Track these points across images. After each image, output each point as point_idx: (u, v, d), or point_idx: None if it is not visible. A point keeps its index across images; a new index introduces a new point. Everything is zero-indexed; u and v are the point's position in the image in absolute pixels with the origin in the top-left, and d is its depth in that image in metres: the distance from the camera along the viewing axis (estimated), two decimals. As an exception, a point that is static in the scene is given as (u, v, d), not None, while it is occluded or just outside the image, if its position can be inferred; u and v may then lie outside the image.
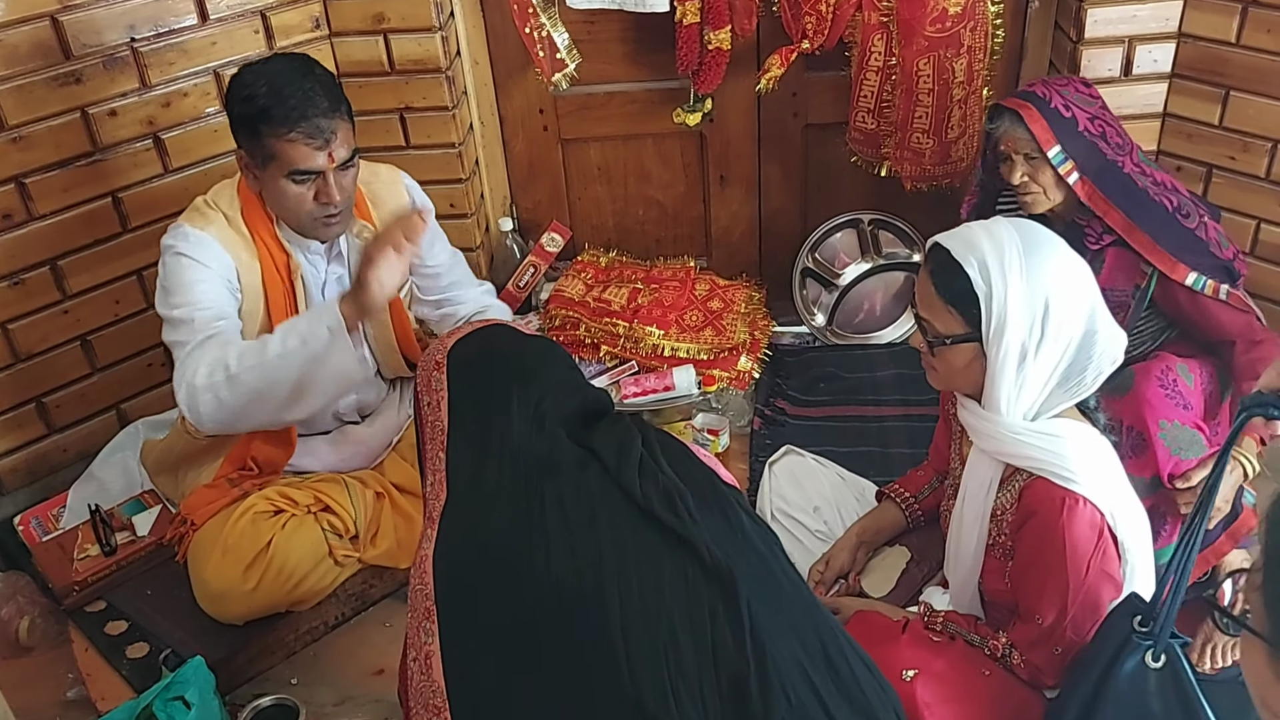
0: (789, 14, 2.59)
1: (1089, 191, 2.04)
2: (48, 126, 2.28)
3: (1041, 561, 1.64)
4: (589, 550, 1.30)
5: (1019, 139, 2.05)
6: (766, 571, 1.34)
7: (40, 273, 2.38)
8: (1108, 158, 2.05)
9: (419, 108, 2.69)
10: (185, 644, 2.10)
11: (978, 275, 1.60)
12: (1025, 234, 1.63)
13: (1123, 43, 2.52)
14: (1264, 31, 2.37)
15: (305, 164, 1.90)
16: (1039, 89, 2.08)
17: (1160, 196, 2.06)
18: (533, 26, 2.65)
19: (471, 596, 1.33)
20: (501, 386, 1.49)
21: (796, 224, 3.01)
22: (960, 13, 2.52)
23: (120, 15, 2.30)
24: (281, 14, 2.51)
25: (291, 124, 1.86)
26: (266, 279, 2.03)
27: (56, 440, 2.54)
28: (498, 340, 1.59)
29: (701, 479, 1.42)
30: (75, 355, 2.49)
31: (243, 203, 2.04)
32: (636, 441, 1.43)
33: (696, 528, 1.31)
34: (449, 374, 1.52)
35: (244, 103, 1.89)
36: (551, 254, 3.03)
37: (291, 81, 1.88)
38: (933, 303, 1.67)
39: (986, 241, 1.61)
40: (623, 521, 1.33)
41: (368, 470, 2.31)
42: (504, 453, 1.42)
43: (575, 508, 1.34)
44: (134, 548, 2.30)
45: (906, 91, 2.61)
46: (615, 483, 1.37)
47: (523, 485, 1.38)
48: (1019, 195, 2.12)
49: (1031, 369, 1.62)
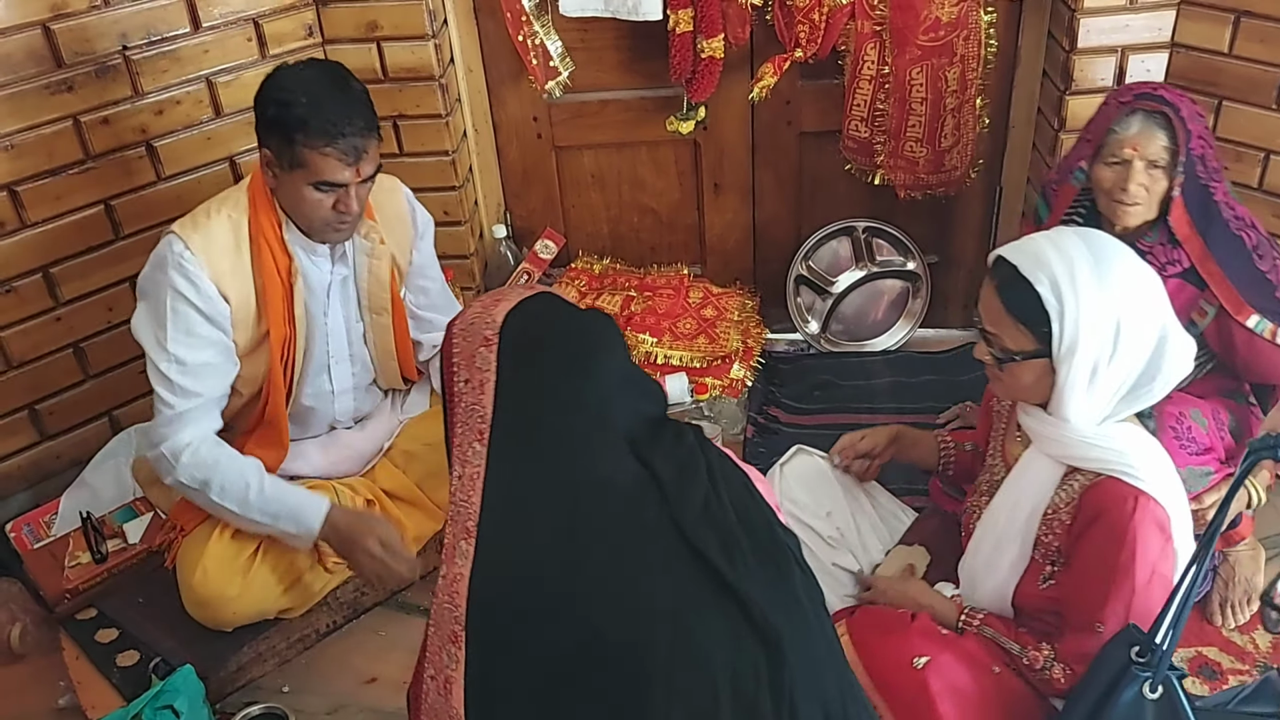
0: (782, 23, 2.59)
1: (1179, 214, 1.96)
2: (40, 134, 2.28)
3: (1107, 565, 1.61)
4: (637, 595, 1.23)
5: (1154, 143, 1.93)
6: (809, 633, 1.30)
7: (33, 280, 2.38)
8: (1201, 181, 1.97)
9: (412, 115, 2.69)
10: (176, 652, 2.10)
11: (1049, 293, 1.56)
12: (1093, 245, 1.59)
13: (1115, 52, 2.52)
14: (1257, 41, 2.37)
15: (333, 177, 1.91)
16: (1165, 93, 1.95)
17: (1240, 231, 2.00)
18: (526, 34, 2.66)
19: (505, 631, 1.26)
20: (564, 378, 1.35)
21: (790, 232, 3.01)
22: (953, 22, 2.53)
23: (112, 23, 2.30)
24: (275, 22, 2.51)
25: (329, 138, 1.87)
26: (266, 282, 2.02)
27: (49, 447, 2.54)
28: (556, 316, 1.42)
29: (760, 522, 1.35)
30: (68, 362, 2.49)
31: (252, 204, 2.03)
32: (700, 471, 1.34)
33: (750, 582, 1.25)
34: (500, 353, 1.36)
35: (281, 107, 1.88)
36: (545, 261, 3.03)
37: (332, 95, 1.89)
38: (1000, 319, 1.63)
39: (1055, 256, 1.57)
40: (676, 565, 1.26)
41: (358, 476, 2.32)
42: (559, 464, 1.30)
43: (628, 543, 1.26)
44: (125, 555, 2.30)
45: (900, 100, 2.61)
46: (672, 519, 1.28)
47: (576, 508, 1.28)
48: (1117, 203, 1.99)
49: (1103, 381, 1.60)
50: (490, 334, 1.37)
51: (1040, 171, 2.76)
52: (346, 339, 2.20)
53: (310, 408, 2.23)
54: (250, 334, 2.05)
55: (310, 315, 2.11)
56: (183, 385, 1.98)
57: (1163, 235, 2.01)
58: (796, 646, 1.24)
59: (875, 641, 1.73)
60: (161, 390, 1.99)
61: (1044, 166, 2.72)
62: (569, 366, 1.36)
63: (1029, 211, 2.87)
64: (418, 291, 2.31)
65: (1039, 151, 2.78)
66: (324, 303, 2.13)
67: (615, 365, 1.40)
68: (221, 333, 2.01)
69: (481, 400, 1.35)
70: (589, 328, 1.43)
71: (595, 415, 1.33)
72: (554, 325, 1.41)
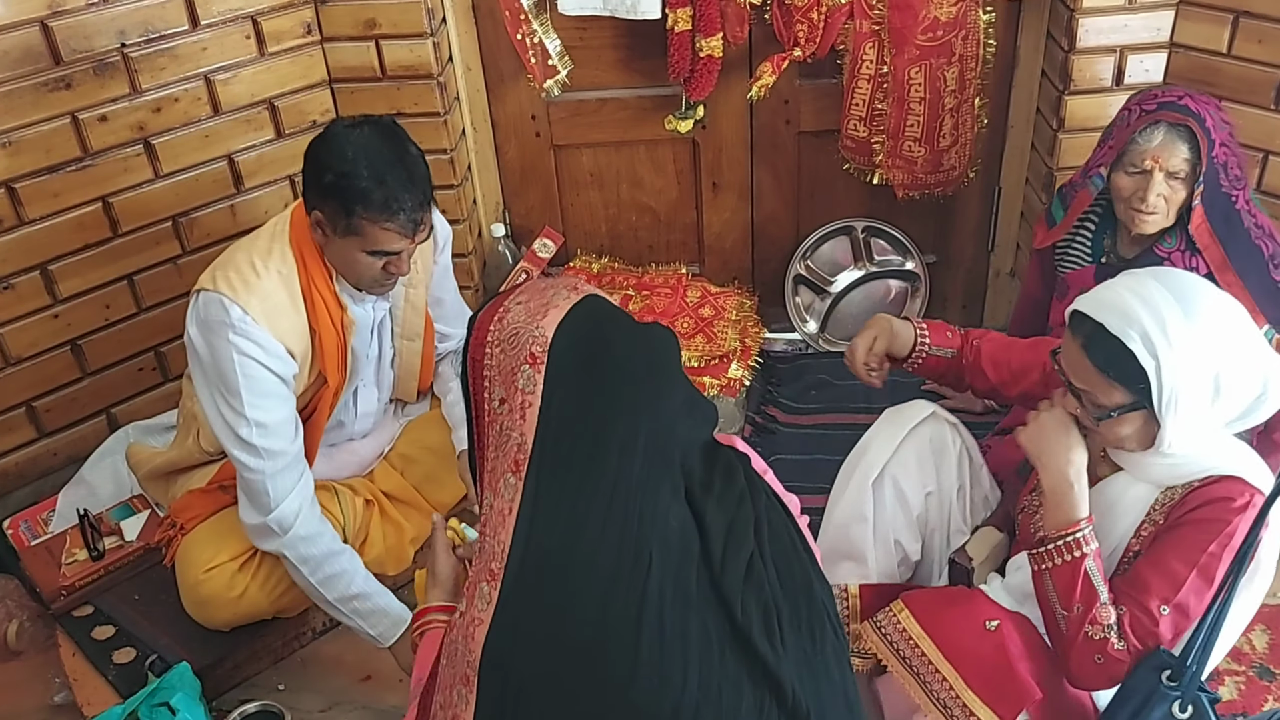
0: (781, 22, 2.58)
1: (1199, 221, 1.95)
2: (38, 131, 2.28)
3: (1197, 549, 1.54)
4: (675, 671, 1.14)
5: (1176, 155, 1.92)
6: (838, 703, 1.26)
7: (30, 277, 2.38)
8: (1223, 189, 1.96)
9: (411, 113, 2.68)
10: (172, 649, 2.11)
11: (1142, 349, 1.50)
12: (1176, 288, 1.53)
13: (1114, 52, 2.52)
14: (1255, 42, 2.36)
15: (389, 247, 1.89)
16: (1190, 103, 1.93)
17: (1260, 240, 1.99)
18: (524, 33, 2.66)
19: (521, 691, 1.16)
20: (625, 412, 1.20)
21: (789, 231, 3.01)
22: (952, 21, 2.52)
23: (110, 20, 2.30)
24: (273, 19, 2.51)
25: (390, 214, 1.84)
26: (322, 334, 2.01)
27: (46, 444, 2.54)
28: (616, 332, 1.25)
29: (801, 581, 1.28)
30: (65, 359, 2.50)
31: (299, 260, 1.98)
32: (749, 528, 1.25)
33: (786, 659, 1.20)
34: (549, 375, 1.20)
35: (341, 178, 1.83)
36: (544, 260, 3.03)
37: (391, 167, 1.84)
38: (1091, 377, 1.56)
39: (1141, 307, 1.51)
40: (716, 640, 1.18)
41: (359, 478, 2.32)
42: (609, 513, 1.17)
43: (673, 611, 1.16)
44: (122, 552, 2.30)
45: (898, 100, 2.61)
46: (716, 586, 1.19)
47: (618, 569, 1.16)
48: (1133, 212, 1.99)
49: (1209, 422, 1.55)
50: (539, 351, 1.21)
51: (1039, 171, 2.76)
52: (377, 367, 2.22)
53: (329, 428, 2.23)
54: (304, 382, 2.05)
55: (355, 355, 2.12)
56: (268, 448, 1.94)
57: (1181, 242, 2.00)
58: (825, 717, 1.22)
59: (943, 613, 1.68)
60: (246, 457, 1.93)
61: (1043, 166, 2.72)
62: (632, 397, 1.21)
63: (1028, 212, 2.88)
64: (434, 303, 2.30)
65: (1038, 151, 2.78)
66: (368, 340, 2.14)
67: (680, 393, 1.27)
68: (289, 388, 2.00)
69: (521, 427, 1.20)
70: (652, 346, 1.27)
71: (655, 454, 1.20)
72: (614, 344, 1.24)
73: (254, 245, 1.99)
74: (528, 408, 1.20)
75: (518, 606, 1.17)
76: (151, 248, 2.51)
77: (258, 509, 1.97)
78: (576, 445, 1.19)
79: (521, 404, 1.20)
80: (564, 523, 1.18)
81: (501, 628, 1.16)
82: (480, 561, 1.22)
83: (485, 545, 1.21)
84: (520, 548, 1.18)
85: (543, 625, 1.16)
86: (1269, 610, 2.12)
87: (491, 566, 1.19)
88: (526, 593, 1.17)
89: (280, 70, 2.56)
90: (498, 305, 1.29)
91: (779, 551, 1.27)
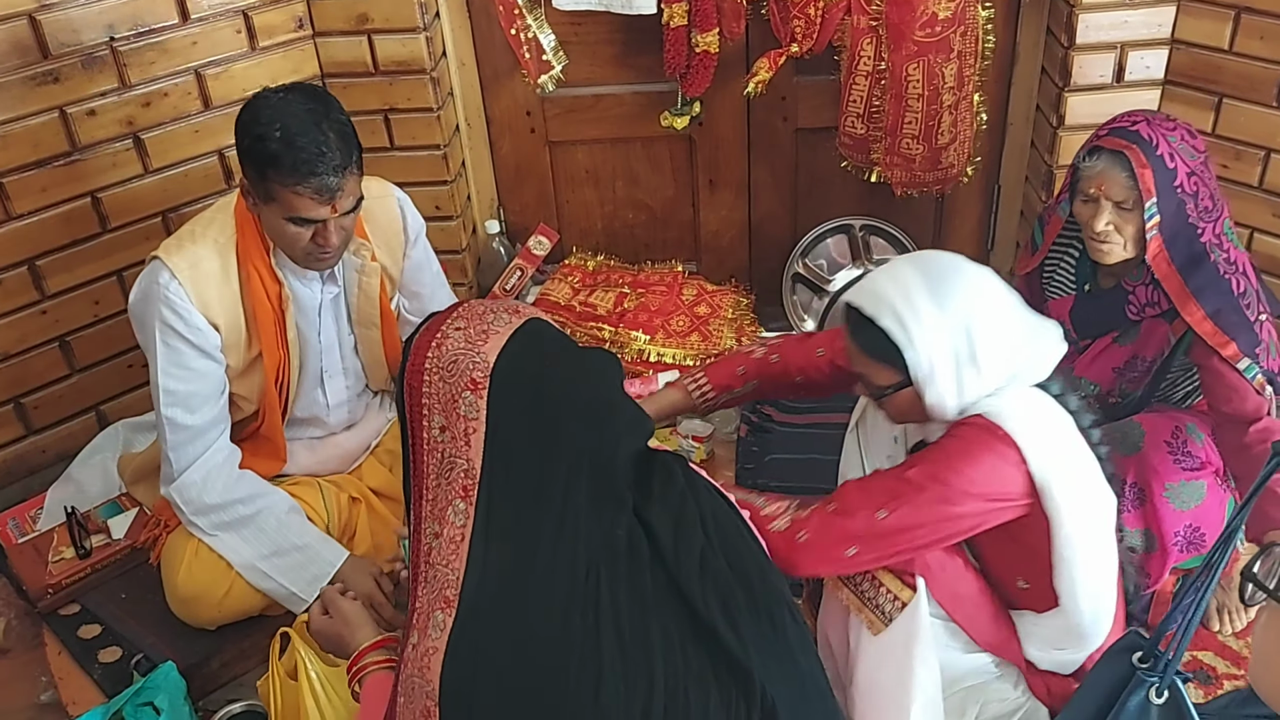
0: (777, 17, 2.56)
1: (1155, 251, 1.89)
2: (25, 126, 2.26)
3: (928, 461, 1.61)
4: (640, 677, 1.14)
5: (1116, 183, 1.88)
6: (802, 687, 1.26)
7: (18, 273, 2.36)
8: (1189, 220, 1.89)
9: (403, 109, 2.67)
10: (158, 649, 2.09)
11: (893, 325, 1.58)
12: (928, 267, 1.61)
13: (1115, 49, 2.49)
14: (1257, 38, 2.34)
15: (307, 214, 1.86)
16: (1144, 129, 1.87)
17: (1229, 275, 1.93)
18: (519, 28, 2.63)
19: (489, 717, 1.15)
20: (571, 435, 1.21)
21: (786, 229, 2.99)
22: (950, 17, 2.49)
23: (99, 14, 2.28)
24: (264, 14, 2.49)
25: (300, 177, 1.81)
26: (255, 308, 1.99)
27: (35, 441, 2.52)
28: (557, 357, 1.27)
29: (752, 566, 1.29)
30: (54, 356, 2.48)
31: (239, 229, 1.98)
32: (695, 524, 1.26)
33: (749, 646, 1.20)
34: (492, 401, 1.20)
35: (255, 141, 1.82)
36: (538, 257, 3.01)
37: (305, 130, 1.81)
38: (860, 360, 1.66)
39: (892, 288, 1.60)
40: (677, 639, 1.18)
41: (344, 474, 2.30)
42: (561, 532, 1.17)
43: (630, 617, 1.16)
44: (109, 551, 2.28)
45: (896, 96, 2.59)
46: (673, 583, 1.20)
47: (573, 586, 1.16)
48: (1091, 242, 1.96)
49: (972, 387, 1.60)
50: (480, 377, 1.21)
51: (1039, 169, 2.74)
52: (339, 353, 2.18)
53: (305, 419, 2.22)
54: (242, 356, 2.03)
55: (303, 336, 2.09)
56: (173, 419, 1.96)
57: (1146, 275, 1.95)
58: (792, 706, 1.21)
59: None
60: (164, 427, 1.99)
61: (1042, 164, 2.70)
62: (575, 424, 1.22)
63: (1028, 210, 2.85)
64: (410, 297, 2.28)
65: (1037, 149, 2.75)
66: (316, 322, 2.11)
67: (621, 414, 1.29)
68: (213, 362, 1.99)
69: (467, 453, 1.20)
70: (594, 370, 1.30)
71: (599, 474, 1.21)
72: (557, 370, 1.25)
73: (203, 214, 2.03)
74: (473, 434, 1.20)
75: (475, 631, 1.15)
76: (141, 243, 2.49)
77: (163, 479, 2.03)
78: (524, 471, 1.19)
79: (465, 430, 1.20)
80: (516, 546, 1.17)
81: (458, 654, 1.14)
82: (431, 588, 1.19)
83: (436, 574, 1.19)
84: (476, 573, 1.17)
85: (503, 648, 1.15)
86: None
87: (446, 594, 1.17)
88: (483, 617, 1.16)
89: (272, 65, 2.54)
90: (434, 330, 1.28)
91: (727, 541, 1.28)
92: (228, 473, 2.04)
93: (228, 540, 2.04)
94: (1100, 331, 2.08)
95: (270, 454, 2.16)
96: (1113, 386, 2.10)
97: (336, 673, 1.93)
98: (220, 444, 2.04)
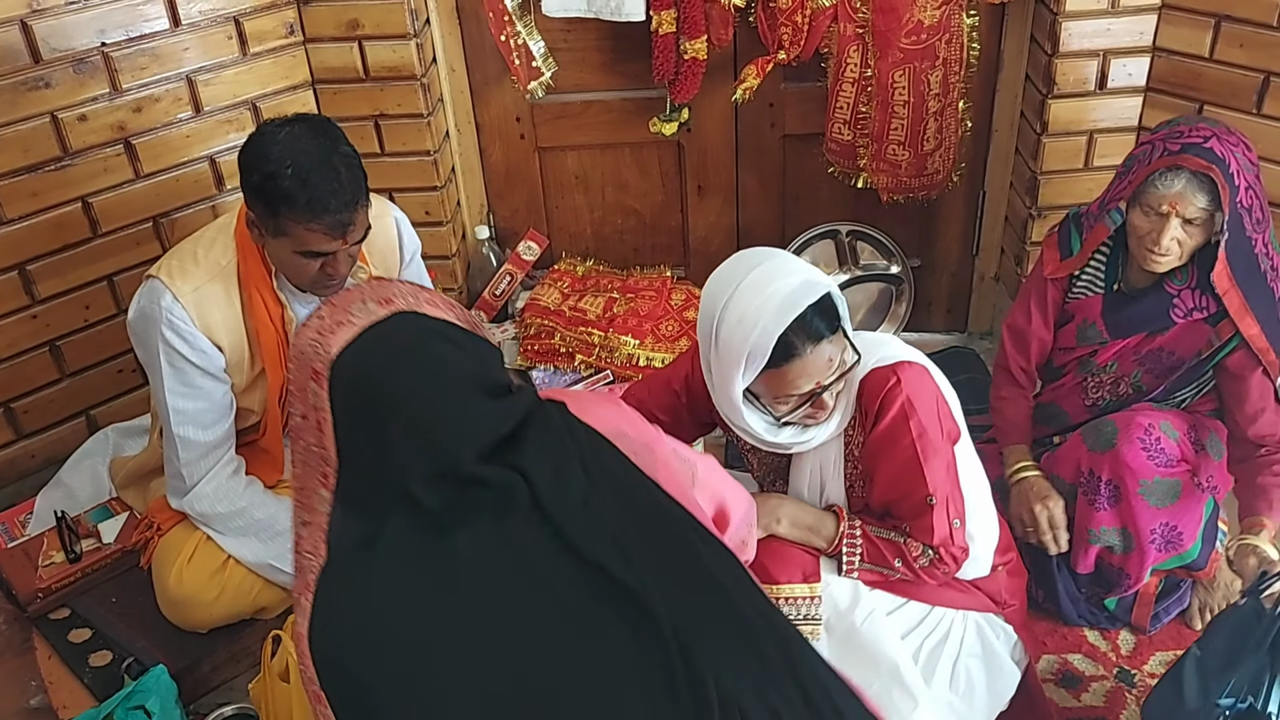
0: (765, 25, 2.58)
1: (1221, 268, 1.90)
2: (16, 131, 2.27)
3: (903, 448, 1.69)
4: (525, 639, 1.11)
5: (1193, 204, 1.87)
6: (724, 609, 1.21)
7: (9, 277, 2.37)
8: (1247, 234, 1.91)
9: (394, 114, 2.68)
10: (149, 652, 2.09)
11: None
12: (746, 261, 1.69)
13: (1098, 56, 2.52)
14: (1237, 46, 2.37)
15: (319, 248, 1.87)
16: (1216, 145, 1.86)
17: (1273, 282, 1.95)
18: (509, 34, 2.65)
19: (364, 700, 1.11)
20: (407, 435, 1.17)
21: (774, 234, 3.01)
22: (935, 25, 2.52)
23: (90, 20, 2.29)
24: (255, 20, 2.50)
25: (314, 215, 1.82)
26: (259, 330, 2.01)
27: (25, 446, 2.52)
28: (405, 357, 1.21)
29: (649, 506, 1.25)
30: (44, 360, 2.48)
31: (240, 255, 1.98)
32: (575, 465, 1.22)
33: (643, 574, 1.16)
34: (333, 392, 1.18)
35: (266, 179, 1.82)
36: (528, 262, 3.02)
37: (317, 167, 1.81)
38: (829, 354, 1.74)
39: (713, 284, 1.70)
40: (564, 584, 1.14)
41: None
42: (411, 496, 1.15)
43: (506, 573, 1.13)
44: (99, 555, 2.28)
45: (882, 103, 2.61)
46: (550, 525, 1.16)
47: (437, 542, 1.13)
48: (1149, 251, 1.94)
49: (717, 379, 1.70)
50: (320, 368, 1.18)
51: (1023, 175, 2.76)
52: None
53: None
54: (245, 374, 2.05)
55: None
56: (184, 436, 2.00)
57: (1192, 279, 1.98)
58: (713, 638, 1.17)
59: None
60: (170, 443, 2.02)
61: (1026, 170, 2.73)
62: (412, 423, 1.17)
63: (1012, 215, 2.88)
64: None
65: (1021, 155, 2.78)
66: None
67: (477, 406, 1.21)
68: (219, 381, 2.01)
69: (322, 441, 1.18)
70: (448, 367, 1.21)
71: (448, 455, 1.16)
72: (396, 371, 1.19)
73: (203, 235, 2.03)
74: (324, 424, 1.18)
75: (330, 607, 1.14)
76: (131, 248, 2.50)
77: (174, 492, 2.07)
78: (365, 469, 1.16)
79: (318, 421, 1.18)
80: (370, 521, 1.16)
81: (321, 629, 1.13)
82: (300, 578, 1.19)
83: (303, 563, 1.18)
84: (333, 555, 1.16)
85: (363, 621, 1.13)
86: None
87: (308, 579, 1.17)
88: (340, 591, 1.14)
89: (262, 71, 2.55)
90: (312, 315, 1.26)
91: (615, 481, 1.24)
92: (237, 482, 2.09)
93: (243, 542, 2.09)
94: (1136, 331, 2.08)
95: (269, 464, 2.18)
96: (1129, 373, 2.10)
97: (329, 675, 1.94)
98: (229, 456, 2.08)
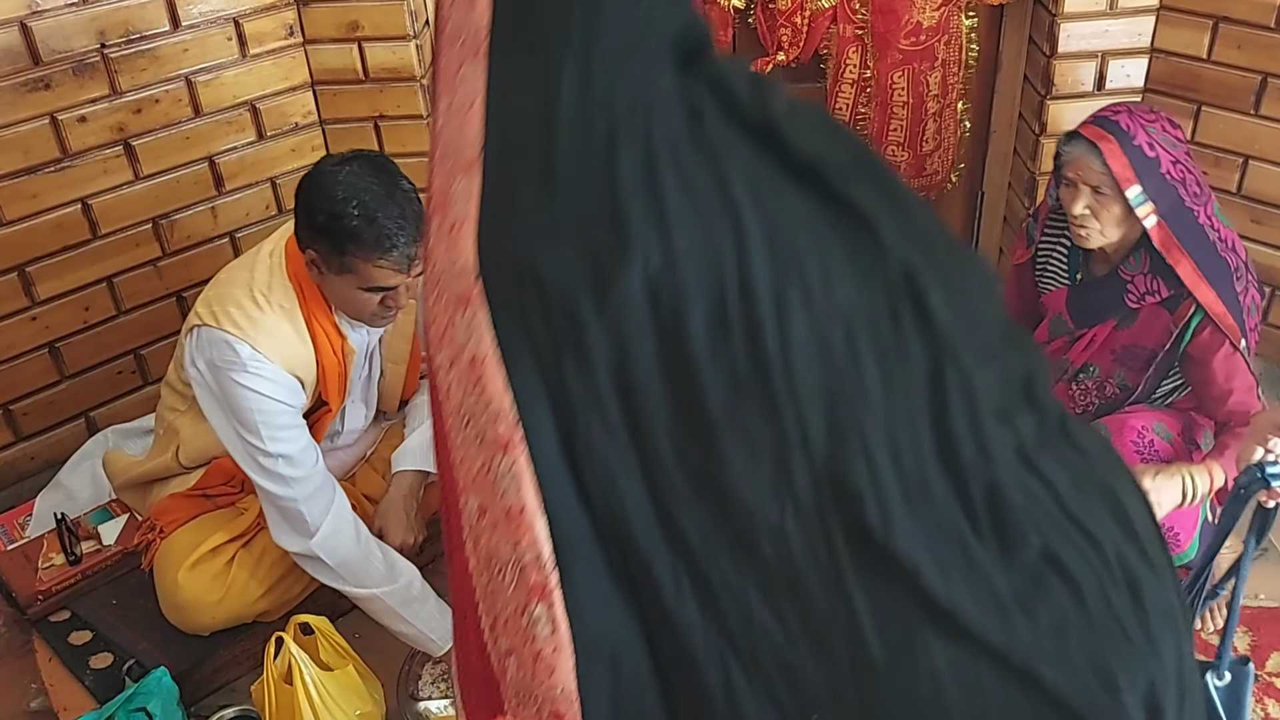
0: (764, 26, 2.59)
1: (1164, 237, 1.93)
2: (15, 132, 2.26)
3: None
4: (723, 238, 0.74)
5: (1090, 170, 1.93)
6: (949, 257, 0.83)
7: (8, 279, 2.36)
8: (1185, 204, 1.95)
9: (393, 116, 2.68)
10: (150, 654, 2.08)
11: None
12: None
13: (1096, 57, 2.53)
14: (1234, 47, 2.38)
15: (385, 283, 1.88)
16: (1124, 120, 1.94)
17: (1224, 253, 1.99)
18: (508, 36, 2.65)
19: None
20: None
21: (773, 235, 3.01)
22: (934, 26, 2.53)
23: (90, 21, 2.28)
24: (255, 21, 2.50)
25: (383, 252, 1.83)
26: (325, 363, 2.02)
27: (24, 448, 2.52)
28: None
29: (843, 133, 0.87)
30: (43, 362, 2.47)
31: (300, 293, 1.98)
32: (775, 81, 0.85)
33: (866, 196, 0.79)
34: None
35: (331, 219, 1.82)
36: (527, 263, 3.02)
37: (382, 205, 1.82)
38: None
39: None
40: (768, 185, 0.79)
41: (341, 482, 2.30)
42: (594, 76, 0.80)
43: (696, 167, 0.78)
44: (99, 557, 2.28)
45: (881, 104, 2.62)
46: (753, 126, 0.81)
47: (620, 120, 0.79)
48: (1073, 226, 2.01)
49: None
50: None
51: (1021, 176, 2.77)
52: (366, 385, 2.23)
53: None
54: (305, 407, 2.06)
55: (350, 379, 2.13)
56: (296, 476, 1.94)
57: (1145, 264, 2.00)
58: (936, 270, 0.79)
59: None
60: (273, 486, 1.94)
61: (1025, 171, 2.73)
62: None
63: (1011, 217, 2.89)
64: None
65: (1020, 156, 2.79)
66: (362, 365, 2.15)
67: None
68: (299, 413, 2.01)
69: (471, 18, 0.92)
70: None
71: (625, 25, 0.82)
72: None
73: (253, 279, 1.97)
74: None
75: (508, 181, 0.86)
76: (131, 249, 2.49)
77: (299, 533, 1.97)
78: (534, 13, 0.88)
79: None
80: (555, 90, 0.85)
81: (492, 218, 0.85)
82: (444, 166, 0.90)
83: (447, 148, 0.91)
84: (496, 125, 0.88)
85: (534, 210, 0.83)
86: (1250, 612, 2.13)
87: (466, 157, 0.87)
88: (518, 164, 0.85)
89: (262, 72, 2.55)
90: None
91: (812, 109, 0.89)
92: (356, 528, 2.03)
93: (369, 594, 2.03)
94: (1098, 319, 2.10)
95: None
96: (1112, 373, 2.12)
97: (331, 677, 1.94)
98: (341, 495, 2.03)
